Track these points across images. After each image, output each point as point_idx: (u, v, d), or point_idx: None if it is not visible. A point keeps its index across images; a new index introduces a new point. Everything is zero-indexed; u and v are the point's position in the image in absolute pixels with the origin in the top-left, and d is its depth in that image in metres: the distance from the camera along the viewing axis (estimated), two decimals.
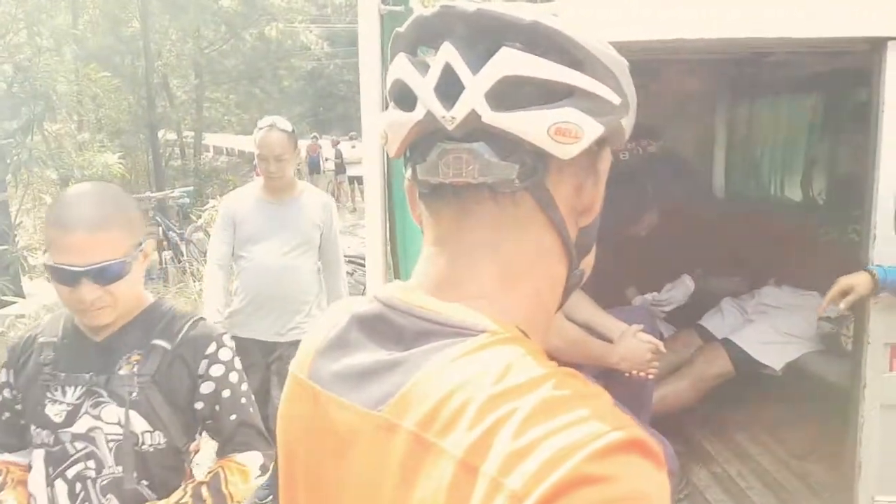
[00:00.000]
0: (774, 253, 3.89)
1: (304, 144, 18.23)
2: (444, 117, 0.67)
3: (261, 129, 3.38)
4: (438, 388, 0.62)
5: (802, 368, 3.31)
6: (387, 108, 0.75)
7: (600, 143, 0.70)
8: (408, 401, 0.64)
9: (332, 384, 0.72)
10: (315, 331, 0.79)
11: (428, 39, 0.71)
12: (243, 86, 22.93)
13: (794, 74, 4.02)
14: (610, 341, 2.63)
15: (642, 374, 2.62)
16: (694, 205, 3.80)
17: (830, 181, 3.94)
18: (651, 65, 3.82)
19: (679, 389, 3.45)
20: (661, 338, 3.77)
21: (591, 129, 0.67)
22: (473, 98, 0.65)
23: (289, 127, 3.42)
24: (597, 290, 3.37)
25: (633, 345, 2.61)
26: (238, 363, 1.71)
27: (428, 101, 0.68)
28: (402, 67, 0.71)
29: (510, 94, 0.65)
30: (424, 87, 0.68)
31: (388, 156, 1.50)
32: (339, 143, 18.94)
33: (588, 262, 0.78)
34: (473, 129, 0.66)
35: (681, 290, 3.92)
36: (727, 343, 3.47)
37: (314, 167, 18.89)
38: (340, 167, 18.24)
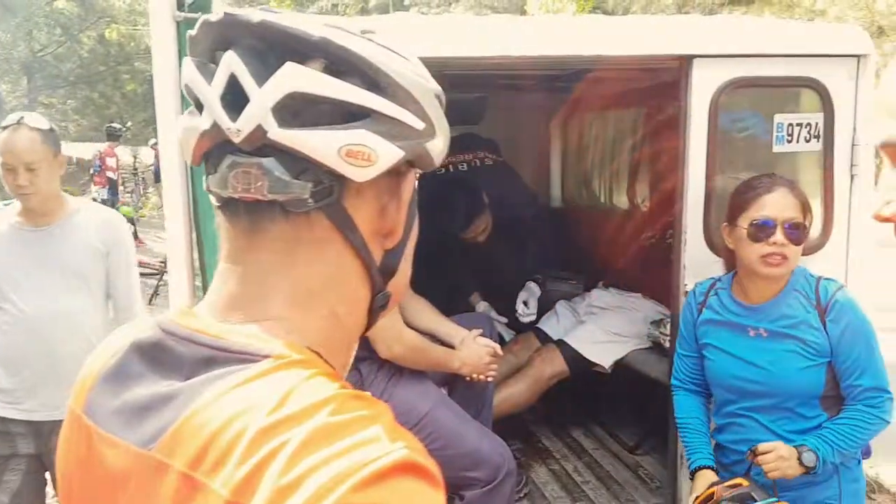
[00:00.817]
0: (604, 257, 4.12)
1: (147, 152, 17.40)
2: (229, 129, 0.64)
3: (4, 128, 2.52)
4: (212, 422, 0.59)
5: (630, 365, 3.51)
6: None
7: (403, 166, 0.70)
8: (179, 437, 0.60)
9: (107, 421, 0.67)
10: (93, 360, 0.74)
11: (222, 46, 0.68)
12: (81, 90, 21.66)
13: (619, 90, 4.28)
14: (452, 347, 2.68)
15: (482, 377, 2.69)
16: (530, 214, 3.95)
17: (651, 189, 4.22)
18: (488, 80, 3.95)
19: (519, 390, 3.57)
20: (502, 342, 3.91)
21: (388, 153, 0.66)
22: (259, 112, 0.63)
23: (44, 125, 2.56)
24: (445, 298, 3.45)
25: (473, 349, 2.68)
26: None
27: (214, 110, 0.65)
28: (189, 73, 0.69)
29: (301, 111, 0.64)
30: (210, 95, 0.66)
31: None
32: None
33: (398, 284, 0.76)
34: (263, 145, 0.64)
35: (532, 297, 4.05)
36: (561, 344, 3.63)
37: (160, 176, 18.00)
38: None
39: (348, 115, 0.65)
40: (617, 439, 3.59)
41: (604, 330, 3.64)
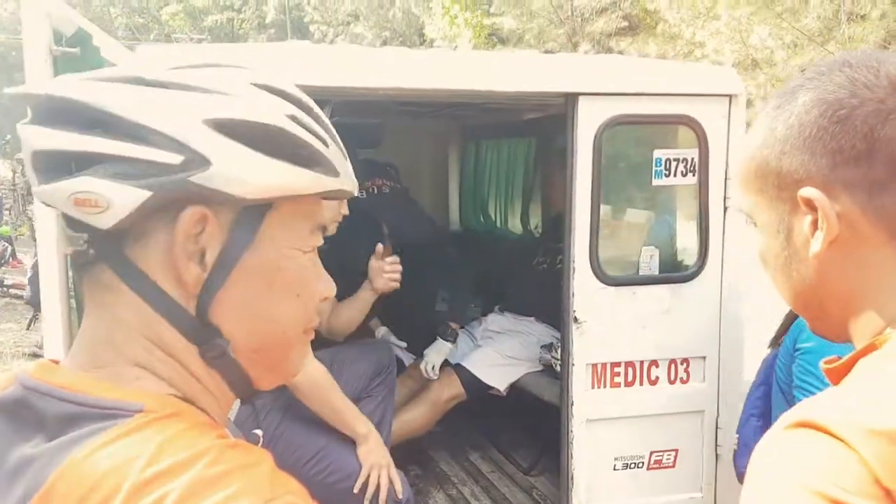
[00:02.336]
0: (500, 282, 4.22)
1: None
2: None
3: None
4: (83, 482, 0.57)
5: (524, 388, 3.60)
6: None
7: (169, 206, 0.65)
8: (50, 499, 0.58)
9: None
10: None
11: None
12: None
13: (514, 120, 4.41)
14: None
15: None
16: (428, 240, 4.01)
17: (544, 216, 4.36)
18: (385, 106, 3.99)
19: (417, 415, 3.60)
20: (401, 366, 3.93)
21: (125, 196, 0.63)
22: (28, 171, 0.67)
23: None
24: None
25: (379, 454, 2.55)
26: None
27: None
28: None
29: (46, 166, 0.66)
30: None
31: None
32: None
33: (244, 337, 0.71)
34: None
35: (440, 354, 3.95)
36: (458, 368, 3.68)
37: None
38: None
39: (79, 163, 0.65)
40: (512, 461, 3.67)
41: (499, 353, 3.72)
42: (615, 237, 3.40)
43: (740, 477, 2.59)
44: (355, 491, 2.48)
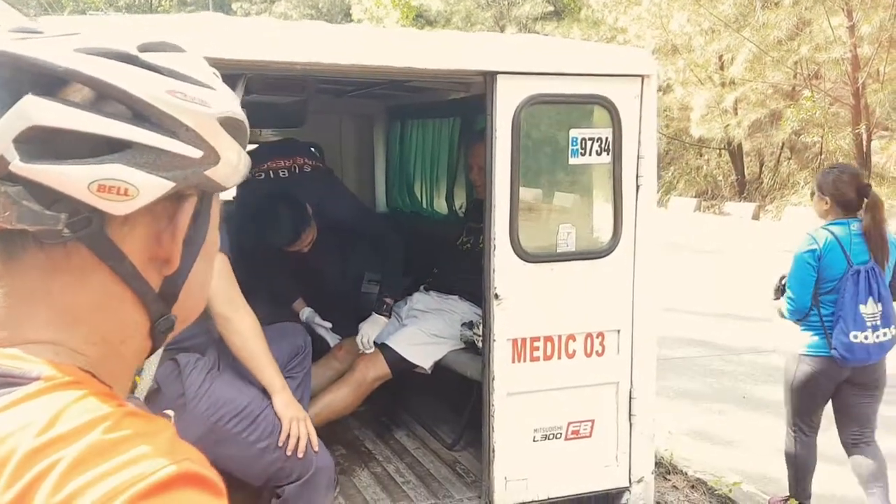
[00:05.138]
0: (426, 262, 4.25)
1: None
2: None
3: None
4: None
5: (448, 366, 3.65)
6: None
7: (178, 196, 0.68)
8: None
9: None
10: None
11: None
12: None
13: (438, 100, 4.43)
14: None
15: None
16: (352, 220, 4.00)
17: (468, 197, 4.41)
18: (308, 84, 3.95)
19: (341, 395, 3.60)
20: (326, 347, 3.93)
21: (152, 186, 0.65)
22: (1, 144, 0.61)
23: None
24: (267, 306, 3.41)
25: (296, 403, 2.66)
26: None
27: None
28: None
29: (48, 143, 0.61)
30: None
31: None
32: None
33: (187, 308, 0.75)
34: (9, 174, 0.62)
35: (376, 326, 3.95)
36: (384, 348, 3.70)
37: None
38: None
39: (97, 147, 0.63)
40: (437, 437, 3.72)
41: (424, 332, 3.75)
42: (534, 215, 3.47)
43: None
44: (279, 444, 2.53)
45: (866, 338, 3.34)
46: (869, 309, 3.34)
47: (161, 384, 2.47)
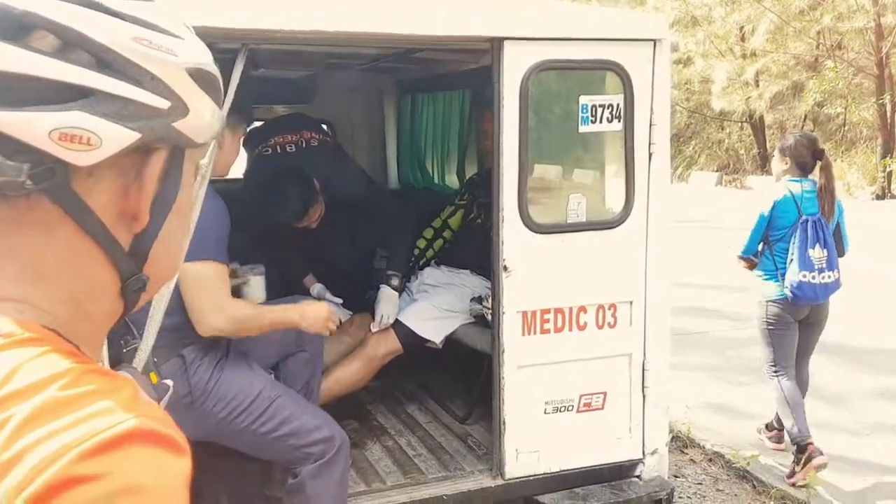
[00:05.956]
0: (436, 236, 4.21)
1: None
2: None
3: None
4: None
5: (458, 340, 3.62)
6: None
7: (146, 149, 0.66)
8: None
9: None
10: None
11: None
12: None
13: (448, 72, 4.36)
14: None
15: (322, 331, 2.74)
16: (361, 195, 3.96)
17: (479, 170, 4.35)
18: (317, 59, 3.90)
19: (352, 370, 3.60)
20: (339, 324, 3.91)
21: (116, 136, 0.63)
22: None
23: None
24: (277, 283, 3.40)
25: (314, 305, 2.75)
26: None
27: None
28: None
29: (5, 91, 0.60)
30: None
31: None
32: None
33: (160, 267, 0.73)
34: None
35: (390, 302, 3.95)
36: (395, 323, 3.68)
37: None
38: None
39: (67, 94, 0.61)
40: (449, 411, 3.70)
41: (435, 307, 3.72)
42: (543, 185, 3.41)
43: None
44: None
45: (814, 278, 3.90)
46: (816, 253, 3.90)
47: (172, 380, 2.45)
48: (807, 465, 3.93)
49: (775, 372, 4.10)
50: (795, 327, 4.08)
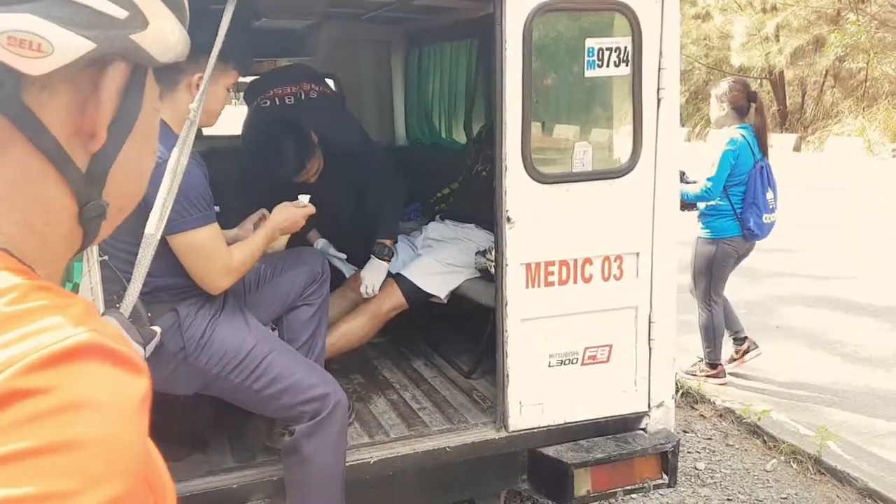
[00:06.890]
0: (442, 191, 4.15)
1: None
2: None
3: None
4: None
5: (463, 295, 3.58)
6: None
7: (103, 62, 0.63)
8: None
9: None
10: None
11: None
12: None
13: (455, 21, 4.24)
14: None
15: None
16: (356, 150, 3.89)
17: (486, 122, 4.26)
18: (319, 8, 3.80)
19: (357, 325, 3.57)
20: (342, 277, 3.88)
21: (69, 44, 0.59)
22: None
23: None
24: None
25: (280, 212, 2.68)
26: None
27: None
28: None
29: None
30: None
31: None
32: None
33: (120, 192, 0.70)
34: None
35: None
36: (399, 278, 3.64)
37: None
38: None
39: None
40: (454, 366, 3.67)
41: (439, 261, 3.68)
42: (548, 133, 3.32)
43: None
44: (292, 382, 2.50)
45: (768, 218, 4.43)
46: (769, 195, 4.44)
47: (162, 337, 2.42)
48: (744, 354, 4.89)
49: (715, 302, 4.63)
50: (733, 262, 4.60)
